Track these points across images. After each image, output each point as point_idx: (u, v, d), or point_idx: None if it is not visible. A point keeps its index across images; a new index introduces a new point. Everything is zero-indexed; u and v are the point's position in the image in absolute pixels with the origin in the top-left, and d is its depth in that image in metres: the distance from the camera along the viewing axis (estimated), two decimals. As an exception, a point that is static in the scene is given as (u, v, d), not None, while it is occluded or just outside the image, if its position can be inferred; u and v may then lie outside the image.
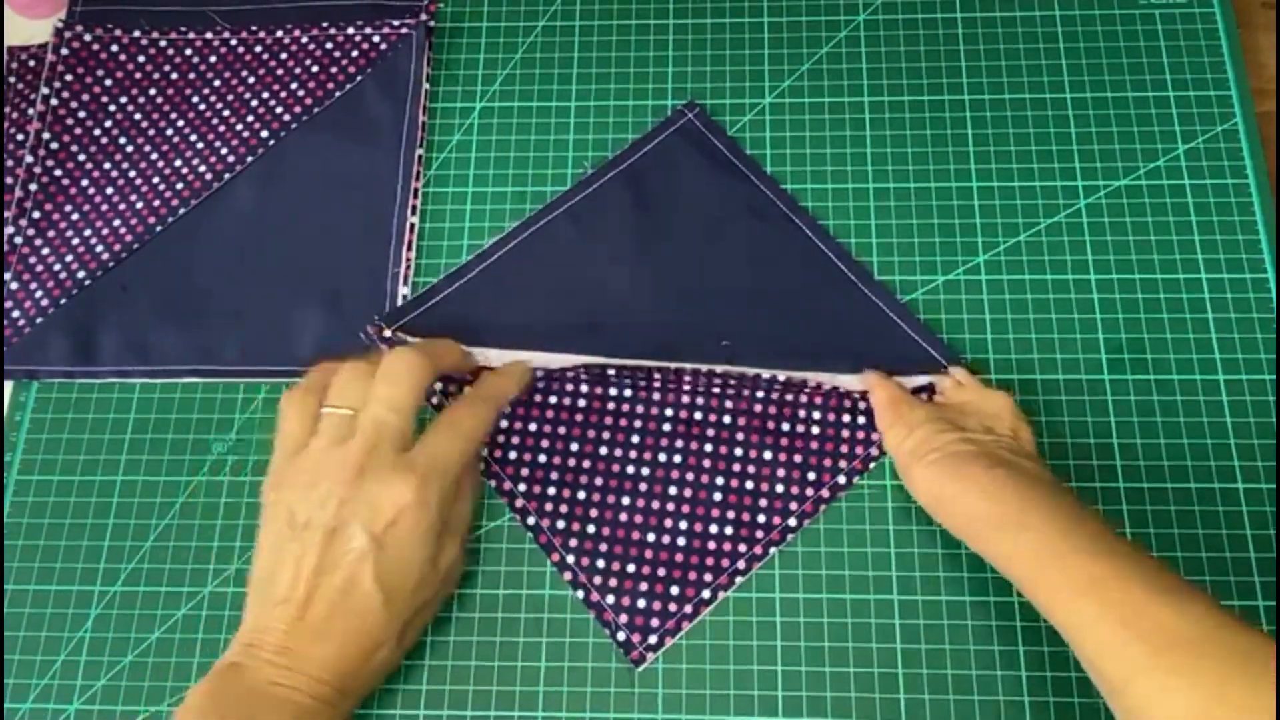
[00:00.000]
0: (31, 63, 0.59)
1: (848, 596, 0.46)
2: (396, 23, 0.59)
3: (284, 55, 0.59)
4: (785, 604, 0.46)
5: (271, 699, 0.37)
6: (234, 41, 0.59)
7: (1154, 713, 0.32)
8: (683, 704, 0.44)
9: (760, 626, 0.45)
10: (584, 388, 0.49)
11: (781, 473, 0.47)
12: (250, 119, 0.57)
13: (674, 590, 0.45)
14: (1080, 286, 0.51)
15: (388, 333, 0.50)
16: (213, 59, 0.59)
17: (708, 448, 0.48)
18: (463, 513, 0.44)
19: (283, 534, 0.40)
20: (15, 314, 0.53)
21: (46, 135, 0.57)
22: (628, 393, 0.49)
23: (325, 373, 0.43)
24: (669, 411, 0.49)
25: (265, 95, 0.57)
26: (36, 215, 0.55)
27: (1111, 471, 0.47)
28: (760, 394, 0.49)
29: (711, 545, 0.46)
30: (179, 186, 0.55)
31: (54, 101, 0.57)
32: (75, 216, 0.55)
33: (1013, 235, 0.52)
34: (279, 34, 0.59)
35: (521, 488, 0.48)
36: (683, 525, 0.47)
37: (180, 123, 0.57)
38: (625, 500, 0.47)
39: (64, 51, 0.59)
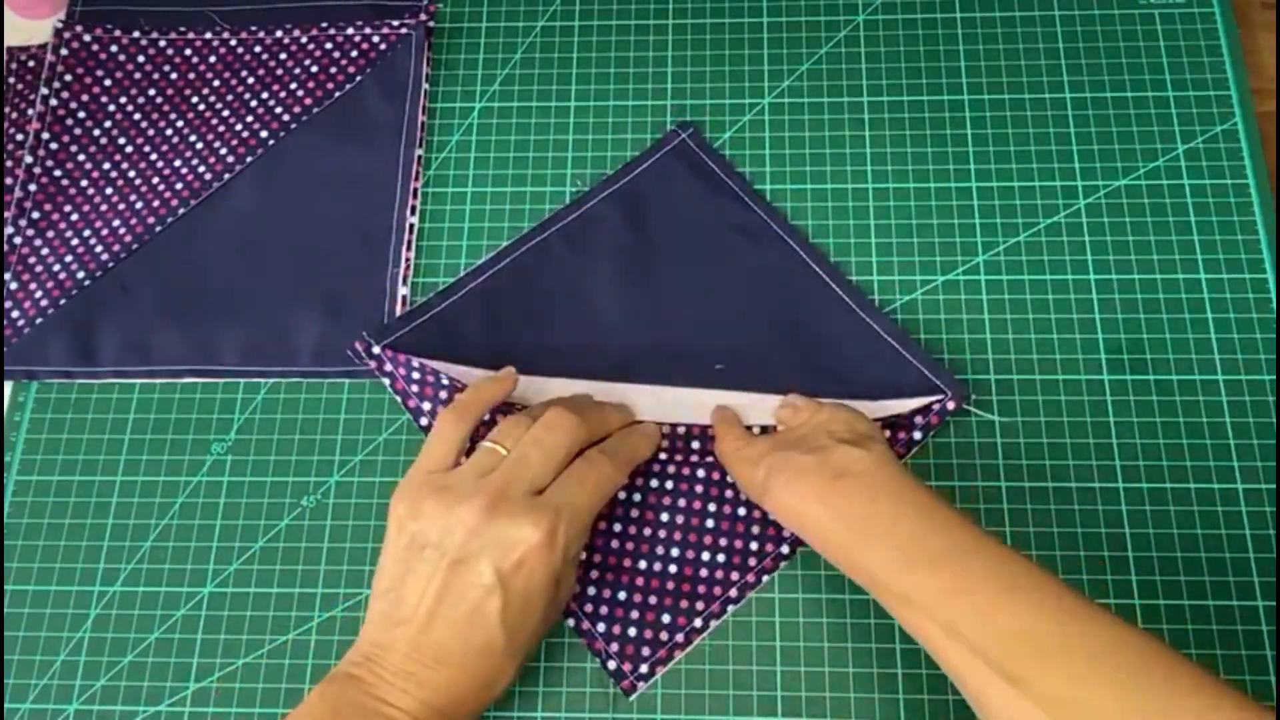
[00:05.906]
0: (31, 63, 0.59)
1: (847, 597, 0.46)
2: (396, 23, 0.59)
3: (284, 55, 0.58)
4: (785, 604, 0.46)
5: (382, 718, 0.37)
6: (234, 42, 0.59)
7: (1004, 717, 0.33)
8: (682, 704, 0.44)
9: (760, 626, 0.45)
10: None
11: None
12: (250, 119, 0.57)
13: (665, 619, 0.45)
14: (1080, 287, 0.51)
15: (376, 349, 0.50)
16: (212, 59, 0.59)
17: (700, 474, 0.47)
18: (582, 543, 0.43)
19: (410, 552, 0.40)
20: (15, 314, 0.53)
21: (46, 135, 0.57)
22: None
23: (480, 391, 0.44)
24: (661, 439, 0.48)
25: (265, 95, 0.57)
26: (36, 215, 0.55)
27: (1111, 471, 0.47)
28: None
29: (704, 573, 0.46)
30: (179, 186, 0.55)
31: (53, 102, 0.57)
32: (75, 217, 0.55)
33: (1012, 235, 0.52)
34: (279, 34, 0.59)
35: None
36: (674, 553, 0.46)
37: (180, 123, 0.57)
38: (617, 527, 0.47)
39: (63, 52, 0.59)
